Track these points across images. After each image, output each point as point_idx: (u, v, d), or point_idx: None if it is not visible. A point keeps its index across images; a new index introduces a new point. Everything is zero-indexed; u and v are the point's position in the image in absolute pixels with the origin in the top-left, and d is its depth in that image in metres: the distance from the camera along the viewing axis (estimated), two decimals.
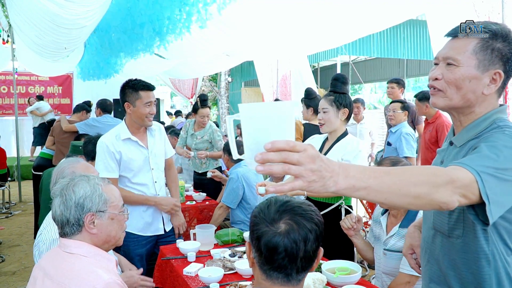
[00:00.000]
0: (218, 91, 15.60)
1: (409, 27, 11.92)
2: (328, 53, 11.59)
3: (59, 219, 1.38)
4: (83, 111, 5.42)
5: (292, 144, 0.79)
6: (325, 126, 2.48)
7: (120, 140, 2.57)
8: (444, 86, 1.18)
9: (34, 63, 8.06)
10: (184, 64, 8.09)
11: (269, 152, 0.79)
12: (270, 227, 1.06)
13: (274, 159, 0.79)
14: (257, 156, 0.80)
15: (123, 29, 4.85)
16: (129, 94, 2.57)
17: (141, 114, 2.56)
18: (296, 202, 1.11)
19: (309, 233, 1.06)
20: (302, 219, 1.07)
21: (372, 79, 18.62)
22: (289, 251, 1.04)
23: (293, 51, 6.74)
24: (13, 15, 5.08)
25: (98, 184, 1.43)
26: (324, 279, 1.86)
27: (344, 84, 2.53)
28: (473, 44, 1.15)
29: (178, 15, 4.26)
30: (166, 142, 2.84)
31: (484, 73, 1.15)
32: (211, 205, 3.80)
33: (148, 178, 2.65)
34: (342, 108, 2.46)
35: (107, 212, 1.42)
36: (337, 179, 0.82)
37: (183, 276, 2.12)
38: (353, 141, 2.45)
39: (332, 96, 2.48)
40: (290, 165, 0.79)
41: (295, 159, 0.79)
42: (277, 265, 1.05)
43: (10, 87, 10.97)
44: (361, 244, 2.19)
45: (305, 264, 1.08)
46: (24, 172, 8.70)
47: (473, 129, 1.19)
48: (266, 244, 1.05)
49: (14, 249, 4.85)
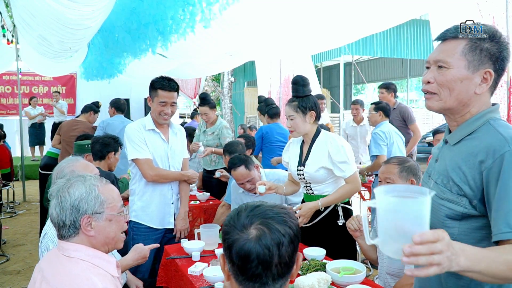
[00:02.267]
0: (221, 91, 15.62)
1: (412, 27, 11.91)
2: (331, 53, 11.59)
3: (55, 221, 1.36)
4: (91, 112, 5.45)
5: (436, 235, 0.90)
6: (295, 132, 2.49)
7: (145, 129, 2.68)
8: (437, 88, 1.21)
9: (38, 63, 8.10)
10: (187, 64, 8.10)
11: (417, 245, 0.88)
12: (241, 234, 0.99)
13: (422, 252, 0.89)
14: (406, 249, 0.89)
15: (127, 29, 4.87)
16: (152, 90, 2.67)
17: (155, 111, 2.66)
18: (267, 206, 1.05)
19: (282, 237, 0.98)
20: (274, 222, 1.00)
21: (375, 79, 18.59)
22: (261, 258, 0.97)
23: (296, 51, 6.74)
24: (17, 15, 5.11)
25: (95, 185, 1.39)
26: (329, 279, 1.86)
27: (304, 87, 2.47)
28: (462, 46, 1.18)
29: (182, 15, 4.26)
30: (184, 144, 2.94)
31: (474, 73, 1.18)
32: (215, 204, 3.80)
33: None
34: (307, 111, 2.44)
35: (104, 213, 1.38)
36: (458, 260, 0.93)
37: (187, 276, 2.12)
38: (329, 140, 2.42)
39: (295, 102, 2.45)
40: (434, 256, 0.89)
41: (438, 249, 0.89)
42: (251, 274, 0.98)
43: (14, 87, 11.03)
44: (366, 245, 2.18)
45: (282, 271, 1.00)
46: (28, 171, 8.74)
47: (466, 127, 1.22)
48: (238, 252, 0.98)
49: (19, 249, 4.88)
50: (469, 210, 1.15)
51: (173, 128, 2.82)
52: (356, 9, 4.40)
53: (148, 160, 2.64)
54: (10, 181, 6.36)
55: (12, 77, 10.98)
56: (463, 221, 1.17)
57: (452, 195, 1.18)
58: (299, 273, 2.00)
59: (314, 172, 2.42)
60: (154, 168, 2.66)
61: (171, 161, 2.76)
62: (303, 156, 2.53)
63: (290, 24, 4.92)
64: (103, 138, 3.38)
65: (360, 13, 4.48)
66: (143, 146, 2.64)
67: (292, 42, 5.78)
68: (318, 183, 2.46)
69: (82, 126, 5.20)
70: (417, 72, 16.90)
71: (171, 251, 2.48)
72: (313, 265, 2.05)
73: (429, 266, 0.89)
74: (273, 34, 5.29)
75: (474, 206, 1.14)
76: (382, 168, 2.09)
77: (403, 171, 2.03)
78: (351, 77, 16.06)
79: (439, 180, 1.23)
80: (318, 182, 2.45)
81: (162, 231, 2.75)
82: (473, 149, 1.16)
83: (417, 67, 16.42)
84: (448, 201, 1.19)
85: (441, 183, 1.22)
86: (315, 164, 2.43)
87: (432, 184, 1.26)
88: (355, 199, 4.16)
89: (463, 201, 1.16)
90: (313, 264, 2.06)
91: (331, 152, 2.38)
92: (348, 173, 2.37)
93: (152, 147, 2.68)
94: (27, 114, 9.74)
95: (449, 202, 1.19)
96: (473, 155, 1.15)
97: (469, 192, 1.14)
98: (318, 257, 2.18)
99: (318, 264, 2.06)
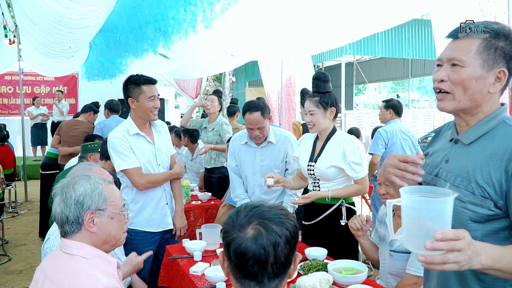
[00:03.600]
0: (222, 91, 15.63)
1: (413, 27, 11.89)
2: (333, 53, 11.58)
3: (59, 217, 1.37)
4: (91, 112, 5.45)
5: (457, 233, 0.95)
6: (315, 127, 2.49)
7: (129, 135, 2.59)
8: (451, 87, 1.19)
9: (39, 63, 8.11)
10: (188, 64, 8.12)
11: (439, 242, 0.94)
12: (239, 233, 1.02)
13: (443, 248, 0.94)
14: (428, 244, 0.95)
15: (128, 28, 4.87)
16: (132, 90, 2.58)
17: (146, 109, 2.57)
18: (266, 206, 1.07)
19: (279, 238, 1.01)
20: (271, 223, 1.02)
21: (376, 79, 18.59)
22: (257, 257, 0.99)
23: (297, 51, 6.74)
24: (19, 15, 5.12)
25: (99, 183, 1.42)
26: (330, 279, 1.86)
27: (326, 83, 2.49)
28: (477, 44, 1.16)
29: (183, 14, 4.27)
30: (169, 140, 2.87)
31: (489, 72, 1.16)
32: (216, 204, 3.81)
33: (155, 173, 2.67)
34: (329, 107, 2.45)
35: (107, 210, 1.40)
36: (480, 259, 0.98)
37: (189, 276, 2.12)
38: (346, 139, 2.44)
39: (317, 97, 2.45)
40: (450, 254, 0.94)
41: (458, 247, 0.94)
42: (247, 272, 1.01)
43: (16, 87, 11.04)
44: (367, 245, 2.19)
45: (278, 270, 1.02)
46: (30, 171, 8.76)
47: (482, 126, 1.20)
48: (235, 250, 1.01)
49: (21, 248, 4.89)
50: (495, 212, 1.13)
51: (155, 127, 2.73)
52: (357, 9, 4.40)
53: (137, 169, 2.56)
54: (12, 181, 6.37)
55: (14, 77, 11.00)
56: (487, 224, 1.15)
57: (475, 198, 1.15)
58: (300, 273, 2.01)
59: (325, 170, 2.43)
60: (143, 175, 2.58)
61: (160, 162, 2.69)
62: (315, 152, 2.53)
63: (291, 24, 4.92)
64: None
65: (362, 12, 4.47)
66: (130, 154, 2.55)
67: (293, 41, 5.78)
68: (327, 181, 2.46)
69: (82, 126, 5.20)
70: (418, 72, 16.88)
71: (173, 251, 2.49)
72: (315, 265, 2.05)
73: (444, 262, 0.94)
74: (275, 34, 5.29)
75: (499, 207, 1.13)
76: (381, 169, 2.09)
77: None
78: (352, 77, 16.04)
79: (457, 182, 1.20)
80: (327, 179, 2.46)
81: (160, 233, 2.72)
82: (495, 149, 1.15)
83: (418, 67, 16.40)
84: (471, 204, 1.16)
85: (460, 185, 1.18)
86: (327, 161, 2.43)
87: (448, 186, 1.22)
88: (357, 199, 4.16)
89: (487, 203, 1.13)
90: (314, 264, 2.06)
91: (347, 152, 2.38)
92: (360, 174, 2.40)
93: (139, 152, 2.59)
94: (29, 114, 9.76)
95: (472, 205, 1.16)
96: (496, 155, 1.14)
97: (493, 193, 1.12)
98: (320, 257, 2.18)
99: (320, 264, 2.06)
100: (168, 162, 2.79)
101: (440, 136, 1.39)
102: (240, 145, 2.94)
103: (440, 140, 1.37)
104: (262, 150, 2.86)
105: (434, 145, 1.39)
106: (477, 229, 1.15)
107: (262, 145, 2.85)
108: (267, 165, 2.85)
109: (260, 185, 2.87)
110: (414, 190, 1.07)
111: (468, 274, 1.18)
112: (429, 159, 1.35)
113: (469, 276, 1.19)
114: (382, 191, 2.04)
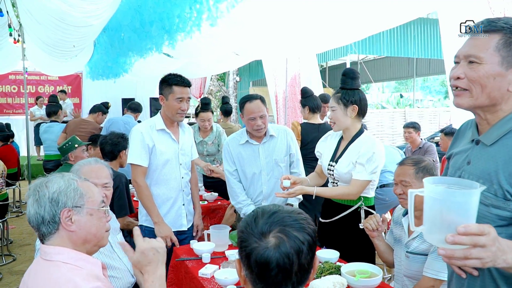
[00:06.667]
0: (226, 91, 15.60)
1: (419, 26, 11.81)
2: (338, 52, 11.51)
3: (33, 219, 1.29)
4: (99, 112, 5.44)
5: (482, 228, 0.90)
6: (336, 125, 2.42)
7: (154, 130, 2.64)
8: (468, 84, 1.15)
9: (44, 62, 8.10)
10: (192, 63, 8.07)
11: (461, 236, 0.89)
12: (259, 243, 0.97)
13: (465, 243, 0.90)
14: (449, 238, 0.90)
15: (133, 27, 4.84)
16: (164, 88, 2.63)
17: (172, 109, 2.62)
18: (285, 212, 1.02)
19: (302, 245, 0.97)
20: (293, 230, 0.98)
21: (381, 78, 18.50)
22: (281, 266, 0.96)
23: (302, 50, 6.69)
24: (23, 14, 5.09)
25: (73, 179, 1.34)
26: (345, 282, 1.81)
27: (353, 80, 2.39)
28: (496, 41, 1.12)
29: (189, 13, 4.23)
30: (193, 144, 2.92)
31: (508, 70, 1.12)
32: (223, 205, 3.76)
33: (175, 173, 2.71)
34: (350, 105, 2.36)
35: (85, 207, 1.32)
36: (506, 257, 0.94)
37: (198, 278, 2.08)
38: (367, 142, 2.35)
39: (339, 94, 2.39)
40: (472, 249, 0.90)
41: (481, 242, 0.90)
42: (271, 282, 0.97)
43: (20, 86, 11.06)
44: (383, 246, 2.13)
45: (301, 278, 1.00)
46: (34, 171, 8.74)
47: (503, 126, 1.16)
48: (256, 260, 0.97)
49: (25, 248, 4.86)
50: None
51: (183, 128, 2.81)
52: (363, 7, 4.35)
53: (143, 169, 2.62)
54: (17, 180, 6.35)
55: (18, 77, 11.00)
56: (510, 227, 1.11)
57: (497, 201, 1.11)
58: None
59: (344, 173, 2.36)
60: (144, 180, 2.63)
61: (182, 161, 2.74)
62: (337, 152, 2.46)
63: (297, 23, 4.87)
64: (111, 139, 3.38)
65: (367, 11, 4.42)
66: (144, 152, 2.61)
67: (298, 40, 5.73)
68: (346, 183, 2.40)
69: (90, 126, 5.18)
70: (423, 71, 16.78)
71: (181, 253, 2.44)
72: (327, 268, 1.99)
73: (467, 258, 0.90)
74: (280, 32, 5.24)
75: None
76: (397, 170, 2.03)
77: (419, 172, 1.96)
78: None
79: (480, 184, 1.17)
80: (346, 182, 2.39)
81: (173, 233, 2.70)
82: None
83: (423, 66, 16.30)
84: (494, 207, 1.12)
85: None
86: (346, 164, 2.36)
87: None
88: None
89: (510, 205, 1.09)
90: (327, 267, 2.00)
91: (361, 152, 2.31)
92: (358, 176, 2.30)
93: (163, 147, 2.65)
94: (30, 115, 9.76)
95: (495, 209, 1.11)
96: None
97: None
98: (332, 260, 2.13)
99: (332, 266, 2.01)
100: (189, 164, 2.84)
101: (461, 136, 1.35)
102: (239, 145, 2.75)
103: (462, 140, 1.33)
104: (264, 146, 2.73)
105: (456, 146, 1.35)
106: (500, 233, 1.09)
107: (264, 140, 2.72)
108: (273, 161, 2.73)
109: (267, 183, 2.72)
110: (438, 181, 1.03)
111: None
112: (452, 161, 1.31)
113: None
114: (398, 191, 1.98)
